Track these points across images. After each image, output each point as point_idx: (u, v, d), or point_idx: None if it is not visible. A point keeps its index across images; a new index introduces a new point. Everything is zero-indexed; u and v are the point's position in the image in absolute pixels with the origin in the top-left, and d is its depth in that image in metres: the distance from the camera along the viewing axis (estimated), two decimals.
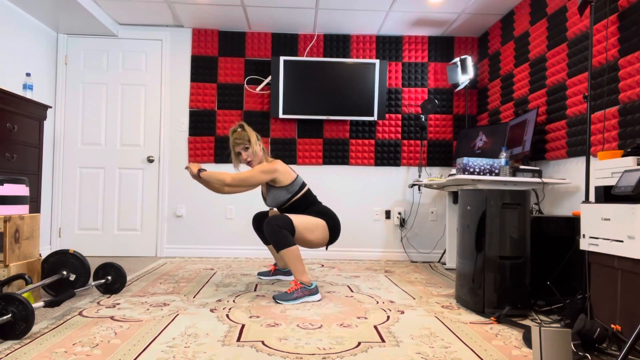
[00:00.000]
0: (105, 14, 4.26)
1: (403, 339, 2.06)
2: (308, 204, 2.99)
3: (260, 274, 3.49)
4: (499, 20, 4.21)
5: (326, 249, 3.11)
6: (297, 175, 3.00)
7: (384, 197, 4.67)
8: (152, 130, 4.58)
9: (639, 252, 1.77)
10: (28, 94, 3.67)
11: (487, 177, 3.00)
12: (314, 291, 2.76)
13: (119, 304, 2.63)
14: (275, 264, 3.48)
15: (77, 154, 4.53)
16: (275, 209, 3.27)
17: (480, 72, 4.61)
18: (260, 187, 3.26)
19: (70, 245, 4.49)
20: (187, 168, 2.92)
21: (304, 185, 3.00)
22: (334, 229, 2.95)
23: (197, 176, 2.88)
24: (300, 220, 2.80)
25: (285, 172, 2.92)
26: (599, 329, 1.85)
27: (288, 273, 3.46)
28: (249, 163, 3.04)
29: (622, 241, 1.86)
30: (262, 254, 4.59)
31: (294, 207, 2.98)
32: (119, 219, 4.54)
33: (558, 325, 2.29)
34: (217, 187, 3.04)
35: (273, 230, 2.71)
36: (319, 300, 2.75)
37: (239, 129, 3.01)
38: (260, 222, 3.32)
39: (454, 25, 4.38)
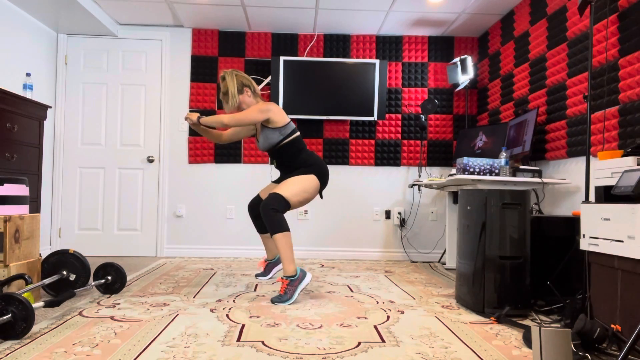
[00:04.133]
0: (105, 14, 4.26)
1: (403, 339, 2.06)
2: (296, 149, 3.02)
3: (257, 275, 3.48)
4: (499, 20, 4.21)
5: (321, 197, 3.17)
6: (290, 120, 3.03)
7: (384, 197, 4.67)
8: (152, 130, 4.58)
9: (639, 252, 1.77)
10: (28, 94, 3.67)
11: (487, 177, 3.00)
12: (302, 276, 2.78)
13: (119, 304, 2.63)
14: (265, 260, 3.47)
15: (77, 154, 4.53)
16: (266, 190, 3.29)
17: (480, 72, 4.61)
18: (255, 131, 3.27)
19: (70, 245, 4.49)
20: (186, 118, 2.95)
21: (295, 130, 3.04)
22: (322, 176, 3.00)
23: (197, 123, 2.93)
24: (291, 192, 2.86)
25: (279, 113, 2.96)
26: (599, 329, 1.85)
27: (278, 261, 3.44)
28: (241, 109, 3.07)
29: (622, 241, 1.86)
30: (262, 254, 4.59)
31: (284, 150, 3.01)
32: (119, 219, 4.54)
33: (558, 325, 2.29)
34: (217, 133, 3.12)
35: (269, 214, 2.77)
36: (311, 280, 2.74)
37: (221, 81, 3.05)
38: (255, 209, 3.33)
39: (454, 25, 4.39)
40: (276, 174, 4.63)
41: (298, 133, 3.05)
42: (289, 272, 2.77)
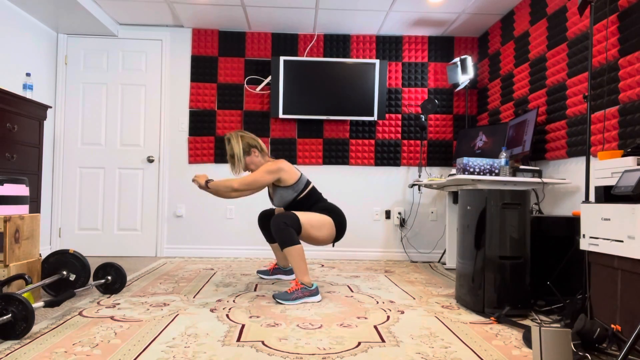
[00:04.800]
0: (105, 14, 4.26)
1: (403, 339, 2.06)
2: (314, 201, 3.01)
3: (260, 272, 3.49)
4: (499, 20, 4.21)
5: (333, 245, 3.13)
6: (302, 174, 3.02)
7: (384, 197, 4.67)
8: (152, 130, 4.58)
9: (639, 252, 1.77)
10: (28, 94, 3.67)
11: (487, 177, 3.00)
12: (315, 292, 2.76)
13: (119, 304, 2.63)
14: (276, 263, 3.48)
15: (77, 154, 4.53)
16: (281, 208, 3.29)
17: (480, 72, 4.61)
18: (266, 188, 3.27)
19: (70, 245, 4.49)
20: (194, 180, 2.93)
21: (308, 183, 3.02)
22: (340, 225, 2.96)
23: (205, 187, 2.90)
24: (306, 218, 2.82)
25: (289, 171, 2.94)
26: (599, 329, 1.85)
27: (288, 272, 3.46)
28: (249, 170, 3.07)
29: (622, 241, 1.86)
30: (262, 254, 4.59)
31: (300, 205, 2.99)
32: (119, 219, 4.54)
33: (558, 325, 2.29)
34: (225, 193, 3.07)
35: (279, 227, 2.72)
36: (319, 302, 2.75)
37: (226, 144, 3.03)
38: (265, 221, 3.33)
39: (454, 25, 4.39)
40: None
41: (312, 186, 3.03)
42: (304, 282, 2.76)
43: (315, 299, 2.75)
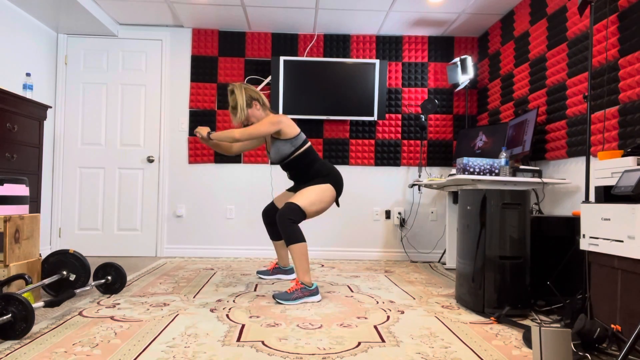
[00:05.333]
0: (105, 14, 4.26)
1: (403, 339, 2.06)
2: (309, 160, 3.02)
3: (259, 272, 3.50)
4: (499, 20, 4.21)
5: (337, 205, 3.15)
6: (301, 131, 3.03)
7: (384, 197, 4.67)
8: (152, 130, 4.58)
9: (639, 252, 1.77)
10: (28, 94, 3.67)
11: (487, 177, 3.00)
12: (315, 292, 2.76)
13: (119, 304, 2.63)
14: (276, 262, 3.48)
15: (77, 154, 4.53)
16: (280, 198, 3.30)
17: (480, 72, 4.61)
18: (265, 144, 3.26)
19: (70, 245, 4.48)
20: (196, 132, 2.95)
21: (306, 140, 3.04)
22: (337, 185, 3.00)
23: (207, 138, 2.93)
24: (307, 201, 2.85)
25: (290, 125, 2.95)
26: (599, 329, 1.85)
27: (288, 272, 3.46)
28: (250, 123, 3.07)
29: (622, 241, 1.86)
30: (262, 254, 4.59)
31: (296, 163, 3.01)
32: (119, 219, 4.54)
33: (558, 325, 2.29)
34: (227, 146, 3.13)
35: (285, 224, 2.77)
36: (319, 301, 2.75)
37: (229, 95, 3.04)
38: (269, 216, 3.34)
39: (454, 25, 4.38)
40: (276, 173, 4.63)
41: (309, 143, 3.05)
42: (305, 281, 2.77)
43: (315, 298, 2.75)
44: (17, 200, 2.56)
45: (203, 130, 2.94)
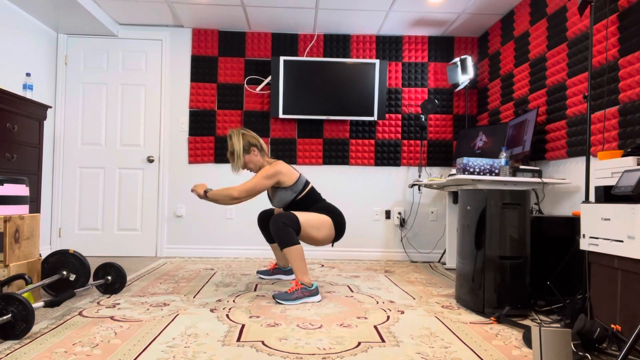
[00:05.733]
0: (105, 14, 4.26)
1: (403, 339, 2.06)
2: (312, 201, 3.02)
3: (259, 272, 3.50)
4: (499, 20, 4.21)
5: (332, 245, 3.14)
6: (300, 174, 3.02)
7: (384, 197, 4.67)
8: (152, 130, 4.58)
9: (639, 252, 1.77)
10: (28, 94, 3.67)
11: (487, 177, 3.00)
12: (315, 292, 2.76)
13: (119, 304, 2.63)
14: (276, 263, 3.48)
15: (77, 154, 4.53)
16: (280, 209, 3.30)
17: (480, 72, 4.61)
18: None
19: (70, 245, 4.49)
20: (193, 191, 2.94)
21: (307, 183, 3.03)
22: (339, 226, 2.97)
23: (205, 197, 2.91)
24: (306, 218, 2.82)
25: (288, 173, 2.95)
26: (599, 329, 1.85)
27: (288, 272, 3.46)
28: (248, 168, 3.07)
29: (622, 241, 1.86)
30: (262, 254, 4.59)
31: (300, 205, 3.00)
32: (119, 219, 4.54)
33: (558, 325, 2.29)
34: (225, 202, 3.07)
35: (278, 227, 2.73)
36: (319, 302, 2.75)
37: (228, 140, 3.04)
38: (265, 221, 3.34)
39: (454, 25, 4.38)
40: None
41: (311, 185, 3.04)
42: (304, 282, 2.76)
43: (315, 299, 2.75)
44: (17, 200, 2.56)
45: (200, 189, 2.91)
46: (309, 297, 2.73)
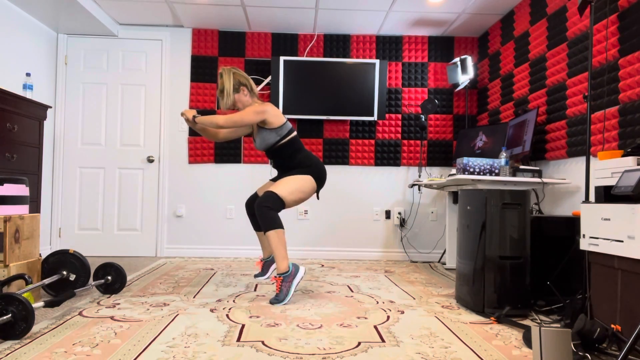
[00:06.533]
0: (105, 14, 4.26)
1: (403, 339, 2.06)
2: (294, 149, 3.02)
3: (256, 275, 3.49)
4: (499, 20, 4.21)
5: (317, 197, 3.17)
6: (287, 120, 3.02)
7: (384, 197, 4.67)
8: (152, 130, 4.58)
9: (639, 252, 1.77)
10: (28, 94, 3.67)
11: (487, 177, 3.00)
12: (295, 271, 2.78)
13: (119, 304, 2.63)
14: (261, 259, 3.47)
15: (77, 154, 4.53)
16: (263, 188, 3.30)
17: (480, 72, 4.61)
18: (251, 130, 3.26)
19: (70, 245, 4.49)
20: (182, 114, 2.95)
21: (292, 130, 3.03)
22: (318, 178, 3.00)
23: (192, 121, 2.92)
24: (285, 190, 2.86)
25: (275, 115, 2.95)
26: (599, 329, 1.85)
27: (274, 260, 3.45)
28: (237, 108, 3.07)
29: (622, 241, 1.86)
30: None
31: (280, 152, 3.01)
32: (119, 219, 4.54)
33: (558, 325, 2.29)
34: (213, 132, 3.12)
35: (262, 211, 2.77)
36: (305, 273, 2.74)
37: (218, 78, 3.04)
38: (252, 207, 3.34)
39: (454, 25, 4.38)
40: (276, 173, 4.63)
41: (295, 133, 3.05)
42: (281, 269, 2.77)
43: (300, 274, 2.79)
44: (17, 200, 2.56)
45: (189, 113, 2.92)
46: (295, 279, 2.75)
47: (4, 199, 2.48)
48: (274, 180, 3.27)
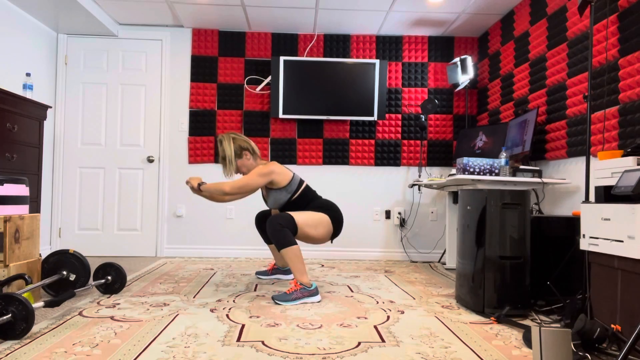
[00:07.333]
0: (105, 14, 4.26)
1: (403, 339, 2.06)
2: (308, 200, 3.01)
3: (258, 273, 3.50)
4: (499, 20, 4.21)
5: (331, 242, 3.14)
6: (294, 174, 3.02)
7: (384, 197, 4.67)
8: (152, 130, 4.58)
9: (639, 252, 1.77)
10: (28, 94, 3.67)
11: (487, 177, 3.00)
12: (314, 292, 2.75)
13: (119, 304, 2.63)
14: (274, 263, 3.48)
15: (77, 154, 4.53)
16: (276, 210, 3.29)
17: (480, 72, 4.61)
18: (260, 190, 3.29)
19: (70, 245, 4.49)
20: (187, 183, 2.93)
21: (301, 182, 3.02)
22: (337, 222, 2.96)
23: (198, 190, 2.90)
24: (302, 218, 2.82)
25: (281, 173, 2.94)
26: (599, 329, 1.85)
27: (287, 272, 3.46)
28: (241, 173, 3.08)
29: (622, 241, 1.86)
30: (262, 254, 4.59)
31: (295, 205, 3.00)
32: (119, 219, 4.54)
33: (558, 325, 2.29)
34: (218, 197, 3.10)
35: (275, 229, 2.73)
36: (318, 302, 2.75)
37: (218, 145, 3.04)
38: (262, 222, 3.33)
39: (454, 25, 4.38)
40: None
41: (305, 184, 3.03)
42: (303, 282, 2.75)
43: (315, 299, 2.75)
44: (17, 200, 2.56)
45: (194, 181, 2.90)
46: (309, 298, 2.73)
47: (4, 199, 2.48)
48: None
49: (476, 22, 4.32)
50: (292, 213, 2.81)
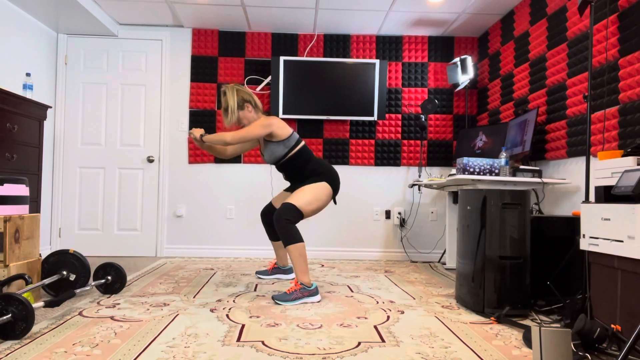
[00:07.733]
0: (105, 14, 4.26)
1: (403, 339, 2.06)
2: (304, 159, 3.02)
3: (258, 272, 3.50)
4: (499, 20, 4.21)
5: (334, 203, 3.16)
6: (293, 131, 3.03)
7: (384, 197, 4.67)
8: (152, 130, 4.58)
9: (639, 252, 1.77)
10: (28, 94, 3.67)
11: (487, 177, 3.00)
12: (314, 292, 2.76)
13: (119, 304, 2.63)
14: (275, 263, 3.49)
15: (77, 154, 4.53)
16: (278, 199, 3.30)
17: (480, 72, 4.61)
18: (259, 149, 3.28)
19: (70, 245, 4.48)
20: (190, 134, 2.96)
21: (300, 140, 3.04)
22: (333, 182, 3.00)
23: (200, 140, 2.93)
24: (303, 200, 2.85)
25: (281, 127, 2.95)
26: (599, 329, 1.85)
27: (287, 272, 3.47)
28: (243, 125, 3.08)
29: (622, 241, 1.86)
30: (262, 254, 4.59)
31: (291, 163, 3.01)
32: (119, 219, 4.54)
33: (558, 325, 2.29)
34: (221, 149, 3.15)
35: (282, 225, 2.77)
36: (318, 302, 2.75)
37: (222, 96, 3.05)
38: (268, 216, 3.35)
39: (454, 25, 4.38)
40: (276, 173, 4.63)
41: (303, 143, 3.05)
42: (304, 282, 2.77)
43: (315, 299, 2.75)
44: (17, 200, 2.56)
45: (196, 132, 2.93)
46: (309, 297, 2.73)
47: (4, 199, 2.48)
48: (289, 190, 3.28)
49: (476, 22, 4.32)
50: (292, 200, 2.84)
